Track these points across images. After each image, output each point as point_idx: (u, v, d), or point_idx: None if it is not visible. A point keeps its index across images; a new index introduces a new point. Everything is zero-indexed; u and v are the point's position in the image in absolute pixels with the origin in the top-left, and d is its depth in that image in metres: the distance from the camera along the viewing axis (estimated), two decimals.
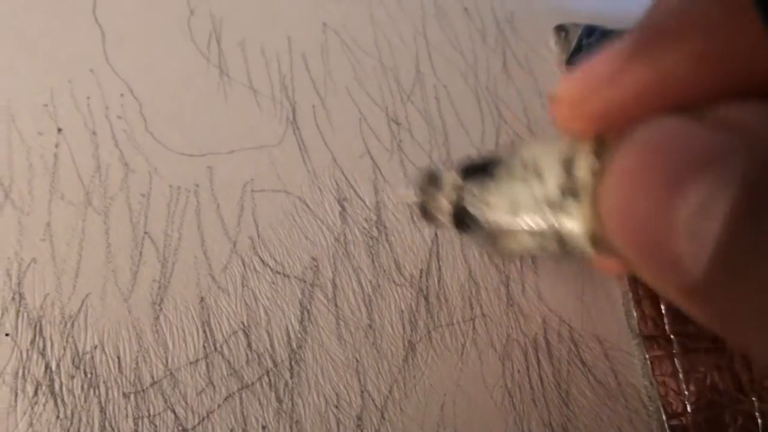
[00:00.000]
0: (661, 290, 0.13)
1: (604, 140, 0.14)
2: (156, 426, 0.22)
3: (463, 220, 0.18)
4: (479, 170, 0.18)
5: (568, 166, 0.15)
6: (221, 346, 0.23)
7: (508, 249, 0.17)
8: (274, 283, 0.24)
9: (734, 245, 0.11)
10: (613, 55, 0.14)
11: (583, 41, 0.30)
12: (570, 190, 0.15)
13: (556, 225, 0.15)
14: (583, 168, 0.14)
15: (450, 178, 0.19)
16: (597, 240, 0.15)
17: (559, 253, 0.16)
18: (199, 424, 0.22)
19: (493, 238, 0.17)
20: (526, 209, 0.16)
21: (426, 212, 0.20)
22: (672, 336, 0.25)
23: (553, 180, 0.15)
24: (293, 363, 0.23)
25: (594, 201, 0.14)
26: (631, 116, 0.14)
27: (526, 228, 0.16)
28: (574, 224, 0.15)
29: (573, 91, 0.15)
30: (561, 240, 0.16)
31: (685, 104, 0.13)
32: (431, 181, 0.20)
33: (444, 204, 0.19)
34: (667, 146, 0.12)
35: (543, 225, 0.16)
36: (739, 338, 0.12)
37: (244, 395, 0.23)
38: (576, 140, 0.15)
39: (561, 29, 0.31)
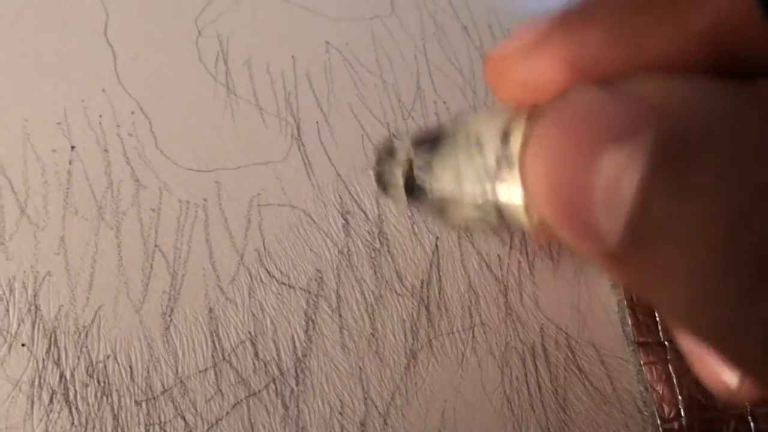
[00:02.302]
0: (585, 255, 0.14)
1: (538, 111, 0.15)
2: None
3: (413, 191, 0.19)
4: (430, 141, 0.19)
5: (505, 137, 0.16)
6: (229, 355, 0.24)
7: (455, 220, 0.18)
8: (280, 294, 0.25)
9: (643, 216, 0.11)
10: (538, 24, 0.15)
11: None
12: (506, 161, 0.16)
13: (494, 196, 0.16)
14: (517, 139, 0.16)
15: (404, 149, 0.20)
16: (530, 210, 0.16)
17: (499, 224, 0.17)
18: (208, 430, 0.23)
19: (440, 209, 0.18)
20: (469, 180, 0.17)
21: (381, 183, 0.21)
22: (666, 342, 0.25)
23: (491, 151, 0.16)
24: (299, 371, 0.24)
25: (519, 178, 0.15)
26: (549, 85, 0.15)
27: (469, 198, 0.17)
28: (509, 194, 0.16)
29: (498, 53, 0.17)
30: (499, 211, 0.17)
31: (599, 78, 0.14)
32: (387, 152, 0.21)
33: (397, 173, 0.20)
34: (581, 118, 0.13)
35: (483, 196, 0.17)
36: (656, 301, 0.13)
37: (251, 402, 0.24)
38: (516, 111, 0.16)
39: None
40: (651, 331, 0.26)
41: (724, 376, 0.20)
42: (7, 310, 0.24)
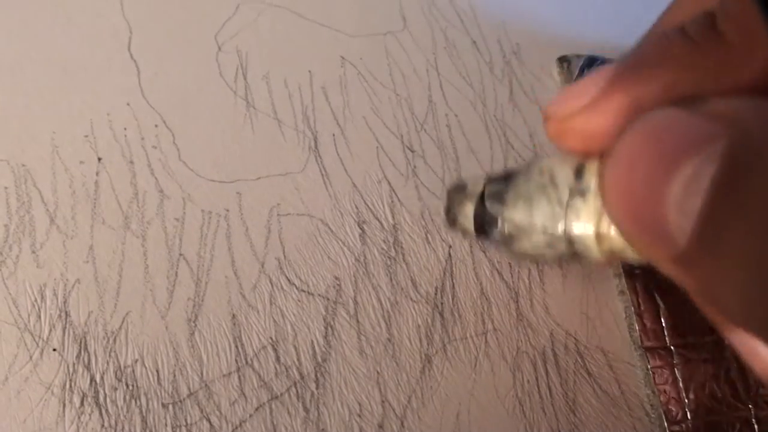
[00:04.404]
0: (654, 261, 0.15)
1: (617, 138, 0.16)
2: None
3: (483, 224, 0.20)
4: (503, 177, 0.20)
5: (579, 172, 0.17)
6: (252, 360, 0.25)
7: (522, 250, 0.19)
8: (299, 301, 0.26)
9: (711, 217, 0.12)
10: (596, 81, 0.17)
11: (584, 71, 0.32)
12: (579, 192, 0.17)
13: (566, 224, 0.17)
14: (591, 173, 0.17)
15: (476, 185, 0.21)
16: (600, 237, 0.17)
17: (568, 253, 0.18)
18: None
19: (509, 239, 0.19)
20: (540, 210, 0.17)
21: (451, 216, 0.22)
22: (672, 347, 0.26)
23: (564, 183, 0.17)
24: (318, 375, 0.25)
25: (598, 196, 0.16)
26: (611, 137, 0.16)
27: (539, 227, 0.18)
28: (580, 223, 0.17)
29: (560, 110, 0.18)
30: (570, 240, 0.17)
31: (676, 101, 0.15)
32: (459, 189, 0.22)
33: (468, 208, 0.21)
34: (662, 131, 0.14)
35: (554, 224, 0.17)
36: (720, 303, 0.13)
37: (273, 405, 0.25)
38: (586, 156, 0.17)
39: (564, 60, 0.33)
40: (658, 337, 0.27)
41: None
42: (39, 317, 0.25)
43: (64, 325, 0.25)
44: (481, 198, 0.20)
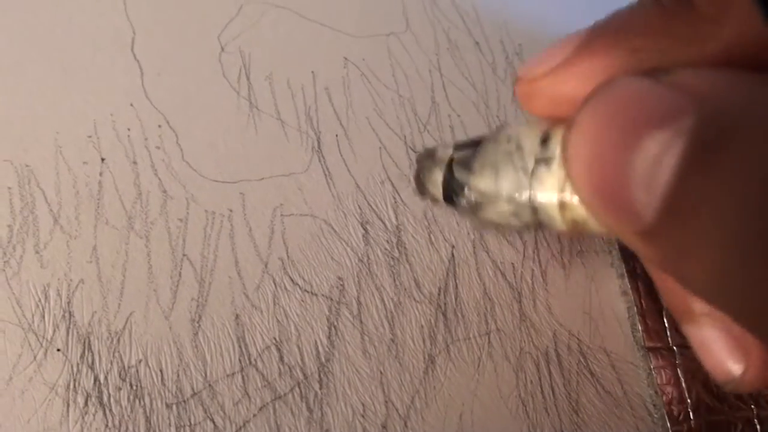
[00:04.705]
0: (620, 235, 0.15)
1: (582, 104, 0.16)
2: None
3: (451, 189, 0.20)
4: (471, 145, 0.20)
5: (545, 141, 0.17)
6: (255, 360, 0.25)
7: (488, 218, 0.19)
8: (303, 301, 0.26)
9: (679, 193, 0.12)
10: (565, 45, 0.17)
11: None
12: (544, 160, 0.17)
13: (531, 192, 0.17)
14: (557, 140, 0.17)
15: (444, 152, 0.21)
16: (564, 206, 0.17)
17: (533, 222, 0.18)
18: None
19: (475, 206, 0.19)
20: (506, 177, 0.17)
21: (420, 184, 0.22)
22: (674, 347, 0.26)
23: (530, 152, 0.17)
24: (322, 375, 0.25)
25: (562, 164, 0.16)
26: (577, 102, 0.16)
27: (505, 195, 0.18)
28: (545, 192, 0.17)
29: (529, 72, 0.18)
30: (533, 207, 0.17)
31: (642, 71, 0.15)
32: (428, 155, 0.22)
33: (437, 175, 0.21)
34: (627, 102, 0.14)
35: (519, 192, 0.17)
36: (686, 278, 0.13)
37: (277, 406, 0.25)
38: (553, 122, 0.17)
39: None
40: (660, 337, 0.27)
41: (729, 365, 0.21)
42: (43, 317, 0.25)
43: (67, 326, 0.25)
44: (450, 165, 0.20)
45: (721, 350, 0.21)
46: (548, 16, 0.35)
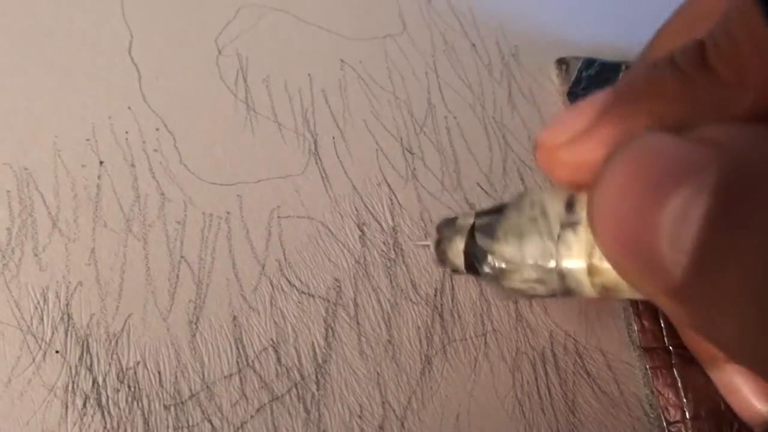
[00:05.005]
0: (648, 293, 0.14)
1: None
2: None
3: (473, 257, 0.19)
4: (493, 211, 0.19)
5: (569, 205, 0.17)
6: (253, 361, 0.25)
7: (513, 286, 0.18)
8: (300, 303, 0.26)
9: (706, 249, 0.12)
10: (585, 110, 0.16)
11: (582, 73, 0.32)
12: (570, 225, 0.16)
13: (557, 259, 0.17)
14: (582, 205, 0.16)
15: (465, 220, 0.20)
16: (592, 271, 0.16)
17: (559, 287, 0.17)
18: None
19: (499, 274, 0.18)
20: (531, 243, 0.17)
21: (441, 252, 0.21)
22: (671, 348, 0.27)
23: (555, 217, 0.17)
24: (319, 376, 0.25)
25: (588, 220, 0.16)
26: (599, 167, 0.15)
27: (530, 261, 0.17)
28: (572, 257, 0.16)
29: (549, 140, 0.17)
30: (561, 273, 0.17)
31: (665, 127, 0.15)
32: (448, 223, 0.21)
33: (457, 243, 0.20)
34: (652, 158, 0.13)
35: (545, 259, 0.17)
36: (717, 337, 0.13)
37: (274, 407, 0.25)
38: (577, 189, 0.17)
39: (562, 62, 0.33)
40: (656, 337, 0.27)
41: (757, 406, 0.21)
42: (42, 319, 0.25)
43: (66, 328, 0.25)
44: (471, 233, 0.19)
45: (748, 393, 0.21)
46: (544, 18, 0.35)
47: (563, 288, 0.17)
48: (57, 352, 0.24)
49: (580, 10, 0.35)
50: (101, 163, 0.28)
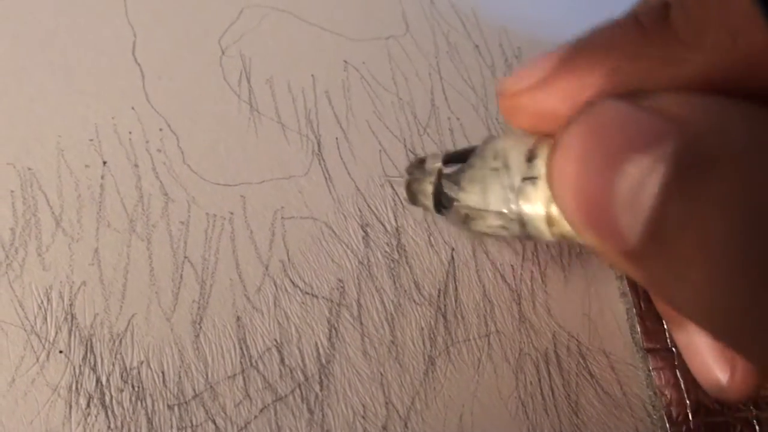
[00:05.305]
0: (606, 255, 0.15)
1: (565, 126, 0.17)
2: None
3: (441, 202, 0.21)
4: (459, 158, 0.20)
5: (530, 157, 0.17)
6: (256, 362, 0.25)
7: (479, 230, 0.20)
8: (303, 303, 0.26)
9: (662, 218, 0.13)
10: (546, 61, 0.17)
11: None
12: (530, 178, 0.17)
13: (518, 209, 0.17)
14: (542, 158, 0.17)
15: (434, 164, 0.21)
16: (551, 221, 0.17)
17: (521, 233, 0.18)
18: None
19: (464, 218, 0.20)
20: (494, 195, 0.18)
21: (411, 193, 0.23)
22: (673, 349, 0.27)
23: (516, 169, 0.17)
24: (323, 377, 0.25)
25: (547, 183, 0.16)
26: (557, 117, 0.16)
27: (493, 210, 0.18)
28: (532, 208, 0.17)
29: (510, 87, 0.18)
30: (522, 222, 0.18)
31: (624, 93, 0.15)
32: (419, 165, 0.22)
33: (427, 186, 0.21)
34: (609, 126, 0.14)
35: (507, 208, 0.18)
36: (672, 299, 0.14)
37: (278, 407, 0.25)
38: (539, 137, 0.18)
39: None
40: (659, 338, 0.27)
41: (715, 372, 0.21)
42: (45, 319, 0.25)
43: (70, 327, 0.25)
44: (439, 179, 0.21)
45: (707, 357, 0.21)
46: (547, 19, 0.35)
47: (524, 234, 0.18)
48: (61, 351, 0.24)
49: (583, 11, 0.35)
50: (104, 163, 0.28)
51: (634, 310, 0.27)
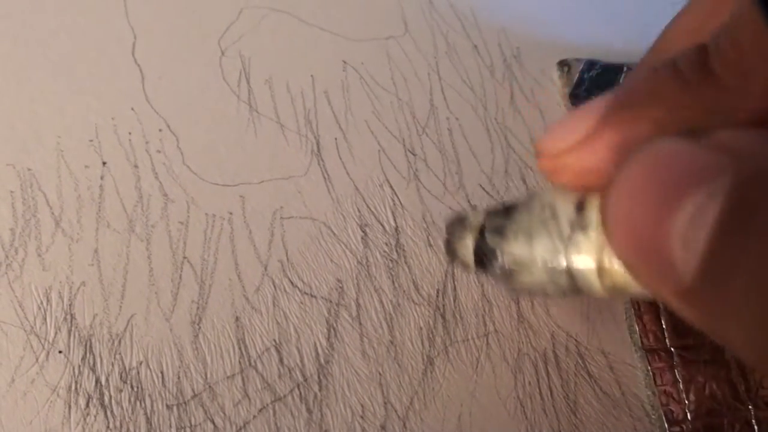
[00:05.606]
0: (659, 296, 0.15)
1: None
2: None
3: (482, 257, 0.20)
4: (503, 211, 0.20)
5: (579, 208, 0.17)
6: (255, 362, 0.25)
7: (523, 284, 0.19)
8: (302, 303, 0.27)
9: (718, 253, 0.12)
10: (586, 117, 0.16)
11: (584, 75, 0.32)
12: (580, 227, 0.17)
13: (567, 259, 0.17)
14: (593, 208, 0.16)
15: (476, 218, 0.21)
16: (602, 272, 0.16)
17: (569, 287, 0.17)
18: None
19: (509, 273, 0.19)
20: (541, 244, 0.17)
21: (451, 250, 0.22)
22: (672, 349, 0.27)
23: (566, 219, 0.17)
24: (321, 377, 0.25)
25: (599, 230, 0.16)
26: (603, 173, 0.16)
27: (540, 262, 0.17)
28: (582, 258, 0.17)
29: (551, 147, 0.18)
30: (571, 274, 0.17)
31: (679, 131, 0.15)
32: (459, 221, 0.22)
33: (468, 241, 0.21)
34: (666, 162, 0.14)
35: (555, 259, 0.17)
36: (725, 338, 0.13)
37: (276, 407, 0.25)
38: (586, 191, 0.17)
39: (564, 64, 0.33)
40: (658, 338, 0.27)
41: None
42: (45, 319, 0.25)
43: (69, 328, 0.25)
44: (481, 232, 0.20)
45: None
46: (546, 19, 0.35)
47: (573, 288, 0.18)
48: (60, 352, 0.25)
49: (582, 11, 0.35)
50: (104, 163, 0.28)
51: (633, 310, 0.27)
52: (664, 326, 0.27)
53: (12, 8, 0.31)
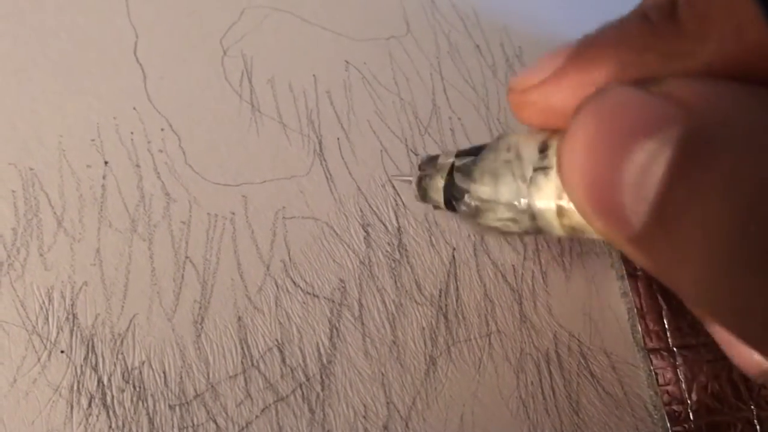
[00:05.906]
0: (613, 241, 0.15)
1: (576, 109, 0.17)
2: None
3: (452, 196, 0.21)
4: (472, 154, 0.20)
5: (542, 150, 0.17)
6: (258, 362, 0.25)
7: (488, 223, 0.20)
8: (305, 303, 0.27)
9: (666, 201, 0.13)
10: (555, 57, 0.17)
11: None
12: (542, 169, 0.17)
13: (529, 199, 0.18)
14: (554, 151, 0.17)
15: (446, 160, 0.21)
16: (561, 213, 0.17)
17: (531, 227, 0.18)
18: None
19: (475, 212, 0.20)
20: (505, 184, 0.18)
21: (422, 189, 0.23)
22: (674, 349, 0.27)
23: (529, 160, 0.18)
24: (324, 377, 0.25)
25: (557, 169, 0.16)
26: (566, 112, 0.16)
27: (504, 202, 0.18)
28: (543, 198, 0.17)
29: (519, 83, 0.18)
30: (532, 214, 0.18)
31: (633, 80, 0.15)
32: (430, 162, 0.22)
33: (438, 182, 0.21)
34: (617, 111, 0.14)
35: (518, 199, 0.18)
36: (675, 282, 0.14)
37: (279, 407, 0.25)
38: (552, 133, 0.18)
39: None
40: (660, 338, 0.27)
41: (755, 358, 0.21)
42: (47, 319, 0.25)
43: (71, 328, 0.25)
44: (451, 172, 0.21)
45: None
46: (548, 18, 0.35)
47: (534, 227, 0.18)
48: (62, 351, 0.25)
49: (583, 11, 0.35)
50: (106, 163, 0.28)
51: (635, 310, 0.27)
52: (666, 326, 0.27)
53: (13, 8, 0.31)
